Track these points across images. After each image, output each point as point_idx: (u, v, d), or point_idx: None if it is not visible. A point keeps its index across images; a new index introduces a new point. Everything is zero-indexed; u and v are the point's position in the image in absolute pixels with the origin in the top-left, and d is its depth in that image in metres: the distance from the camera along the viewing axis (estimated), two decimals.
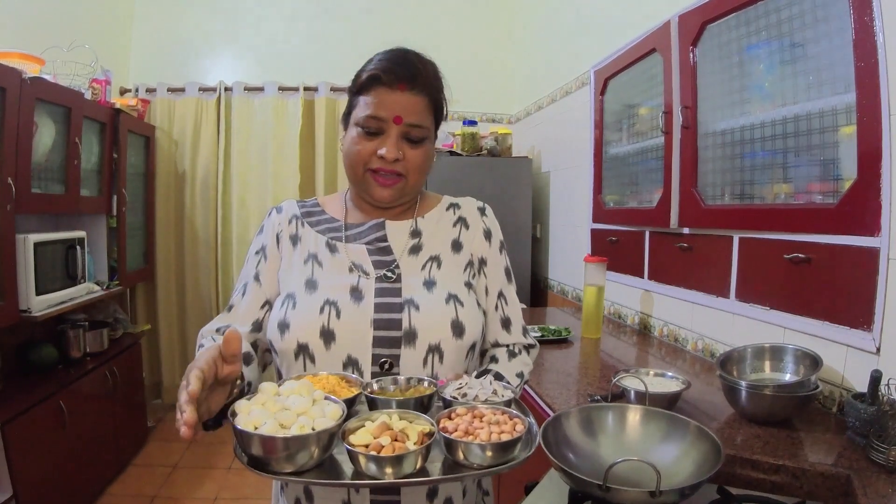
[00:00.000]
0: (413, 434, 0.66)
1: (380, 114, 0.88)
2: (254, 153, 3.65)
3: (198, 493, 2.66)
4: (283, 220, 0.99)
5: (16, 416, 1.94)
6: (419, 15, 3.83)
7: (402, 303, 0.88)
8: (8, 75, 1.98)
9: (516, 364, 0.97)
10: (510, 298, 1.01)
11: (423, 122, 0.91)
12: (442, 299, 0.89)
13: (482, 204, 1.04)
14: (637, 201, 2.15)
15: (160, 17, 3.70)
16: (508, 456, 0.67)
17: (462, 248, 0.97)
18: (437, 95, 0.94)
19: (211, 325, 0.94)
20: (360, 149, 0.90)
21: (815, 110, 1.32)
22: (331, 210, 1.01)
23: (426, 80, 0.91)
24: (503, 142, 3.38)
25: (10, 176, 1.99)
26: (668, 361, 1.78)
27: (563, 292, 3.00)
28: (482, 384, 0.80)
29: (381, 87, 0.89)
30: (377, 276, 0.91)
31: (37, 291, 2.16)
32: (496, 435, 0.67)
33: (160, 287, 3.63)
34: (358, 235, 0.96)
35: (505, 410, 0.73)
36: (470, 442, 0.66)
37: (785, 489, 1.00)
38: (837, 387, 1.27)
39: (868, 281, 1.18)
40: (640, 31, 2.04)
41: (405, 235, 0.96)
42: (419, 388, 0.80)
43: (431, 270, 0.93)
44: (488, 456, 0.66)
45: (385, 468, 0.63)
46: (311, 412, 0.68)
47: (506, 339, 1.00)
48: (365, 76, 0.91)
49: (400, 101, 0.89)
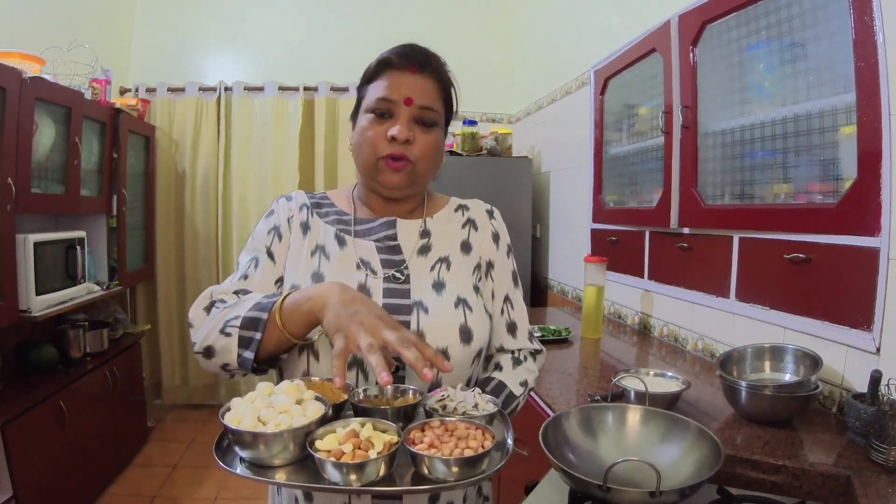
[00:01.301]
0: (379, 443, 0.66)
1: (391, 96, 0.87)
2: (254, 153, 3.65)
3: (198, 493, 2.67)
4: (294, 207, 0.97)
5: (16, 416, 1.94)
6: (419, 14, 3.83)
7: (410, 304, 0.86)
8: (8, 75, 1.98)
9: (521, 372, 0.96)
10: (516, 303, 1.00)
11: (434, 105, 0.90)
12: (451, 303, 0.88)
13: (490, 207, 1.03)
14: (637, 201, 2.15)
15: (160, 17, 3.70)
16: (474, 471, 0.66)
17: (471, 250, 0.96)
18: (447, 83, 0.94)
19: (225, 286, 0.89)
20: (372, 133, 0.88)
21: (815, 110, 1.32)
22: (339, 203, 0.99)
23: (436, 66, 0.91)
24: (503, 142, 3.38)
25: (10, 176, 1.99)
26: (668, 361, 1.78)
27: (563, 292, 3.00)
28: (464, 396, 0.79)
29: (392, 70, 0.88)
30: (385, 276, 0.89)
31: (37, 291, 2.16)
32: (459, 450, 0.66)
33: (160, 287, 3.63)
34: (368, 231, 0.94)
35: (478, 425, 0.72)
36: (433, 455, 0.65)
37: (785, 489, 1.00)
38: (837, 387, 1.27)
39: (868, 281, 1.18)
40: (640, 31, 2.04)
41: (415, 235, 0.95)
42: (405, 398, 0.79)
43: (441, 272, 0.92)
44: (452, 471, 0.65)
45: (348, 475, 0.63)
46: (292, 411, 0.69)
47: (511, 344, 0.99)
48: (375, 63, 0.90)
49: (410, 83, 0.88)
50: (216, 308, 0.83)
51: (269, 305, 0.79)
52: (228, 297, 0.86)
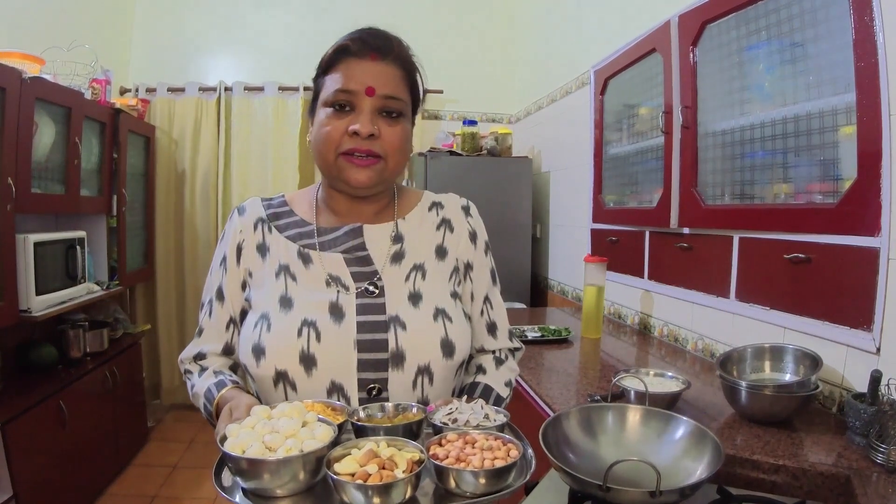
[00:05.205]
0: (402, 462, 0.63)
1: (350, 86, 0.80)
2: (254, 153, 3.65)
3: (198, 493, 2.66)
4: (247, 226, 0.90)
5: (16, 416, 1.94)
6: (419, 14, 3.82)
7: (386, 321, 0.81)
8: (8, 75, 1.98)
9: (504, 372, 0.94)
10: (495, 302, 0.97)
11: (399, 94, 0.82)
12: (429, 316, 0.83)
13: (466, 202, 0.97)
14: (637, 201, 2.15)
15: (160, 17, 3.70)
16: (502, 483, 0.64)
17: (447, 255, 0.91)
18: (412, 68, 0.86)
19: (188, 352, 0.91)
20: (330, 129, 0.80)
21: (815, 110, 1.31)
22: (300, 210, 0.92)
23: (398, 51, 0.84)
24: (503, 142, 3.38)
25: (10, 176, 1.99)
26: (668, 361, 1.78)
27: (563, 292, 3.00)
28: (473, 408, 0.76)
29: (350, 58, 0.81)
30: (358, 291, 0.83)
31: (37, 291, 2.16)
32: (489, 461, 0.64)
33: (160, 287, 3.63)
34: (333, 242, 0.87)
35: (498, 436, 0.70)
36: (462, 469, 0.63)
37: (785, 489, 1.00)
38: (837, 387, 1.27)
39: (868, 281, 1.18)
40: (640, 31, 2.04)
41: (386, 241, 0.88)
42: (408, 415, 0.76)
43: (416, 282, 0.86)
44: (481, 483, 0.62)
45: (373, 498, 0.59)
46: (299, 434, 0.65)
47: (492, 344, 0.96)
48: (331, 51, 0.83)
49: (371, 71, 0.80)
50: (187, 380, 0.90)
51: (212, 398, 0.83)
52: (192, 366, 0.91)
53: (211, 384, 0.85)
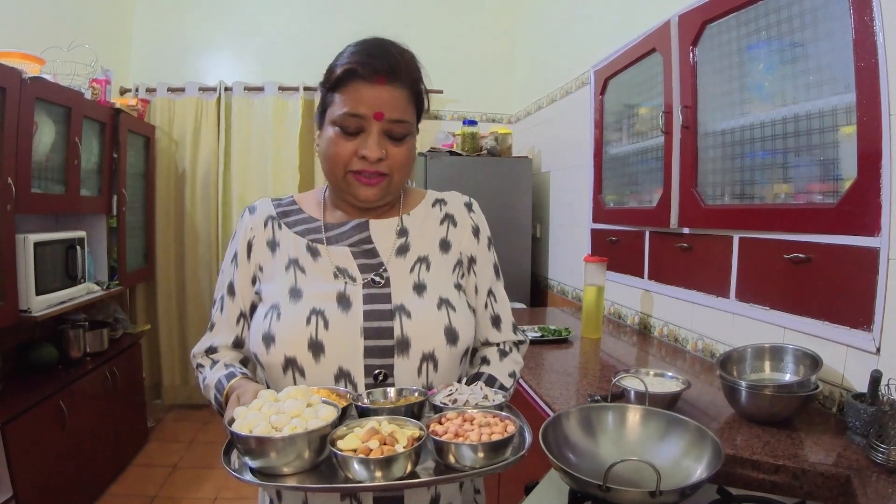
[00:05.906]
0: (402, 438, 0.66)
1: (359, 111, 0.82)
2: (254, 153, 3.65)
3: (198, 493, 2.66)
4: (258, 224, 0.93)
5: (16, 416, 1.94)
6: (419, 14, 3.82)
7: (392, 309, 0.85)
8: (8, 75, 1.98)
9: (508, 364, 0.96)
10: (499, 296, 0.99)
11: (406, 117, 0.85)
12: (434, 305, 0.86)
13: (468, 199, 1.00)
14: (637, 201, 2.15)
15: (160, 17, 3.70)
16: (500, 457, 0.67)
17: (450, 248, 0.94)
18: (418, 86, 0.89)
19: (200, 346, 0.95)
20: (340, 150, 0.84)
21: (815, 110, 1.31)
22: (308, 208, 0.95)
23: (406, 72, 0.85)
24: (503, 142, 3.38)
25: (10, 176, 1.99)
26: (668, 361, 1.78)
27: (563, 292, 3.00)
28: (472, 390, 0.79)
29: (359, 81, 0.83)
30: (364, 282, 0.87)
31: (37, 291, 2.16)
32: (486, 436, 0.67)
33: (160, 287, 3.63)
34: (340, 237, 0.91)
35: (496, 413, 0.72)
36: (460, 443, 0.65)
37: (785, 489, 1.00)
38: (837, 387, 1.27)
39: (868, 281, 1.18)
40: (640, 31, 2.04)
41: (391, 235, 0.91)
42: (410, 398, 0.79)
43: (420, 273, 0.89)
44: (479, 457, 0.65)
45: (375, 471, 0.62)
46: (304, 415, 0.67)
47: (496, 337, 0.98)
48: (340, 70, 0.84)
49: (380, 97, 0.83)
50: (199, 373, 0.93)
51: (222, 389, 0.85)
52: (204, 360, 0.94)
53: (221, 376, 0.87)
